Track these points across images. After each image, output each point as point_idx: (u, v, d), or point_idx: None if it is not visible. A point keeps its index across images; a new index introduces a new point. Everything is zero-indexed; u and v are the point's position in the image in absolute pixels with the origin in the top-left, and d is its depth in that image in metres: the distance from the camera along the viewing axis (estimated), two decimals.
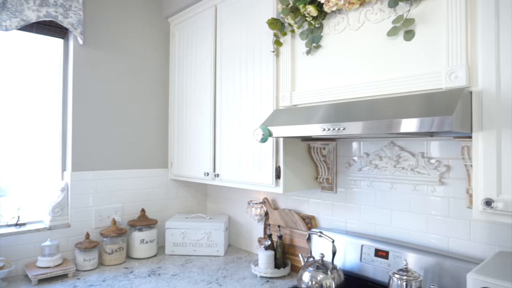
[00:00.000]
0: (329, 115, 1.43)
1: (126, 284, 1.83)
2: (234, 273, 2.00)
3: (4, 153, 2.06)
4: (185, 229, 2.31)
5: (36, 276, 1.82)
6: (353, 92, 1.49)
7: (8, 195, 2.09)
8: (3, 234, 1.91)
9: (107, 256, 2.12)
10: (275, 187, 1.80)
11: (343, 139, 1.90)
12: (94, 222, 2.21)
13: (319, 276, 1.56)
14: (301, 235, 2.03)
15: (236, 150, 2.01)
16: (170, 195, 2.58)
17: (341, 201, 1.90)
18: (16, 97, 2.09)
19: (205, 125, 2.21)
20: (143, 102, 2.46)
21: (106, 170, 2.28)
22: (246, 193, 2.45)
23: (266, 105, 1.85)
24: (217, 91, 2.14)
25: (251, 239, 2.41)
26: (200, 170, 2.24)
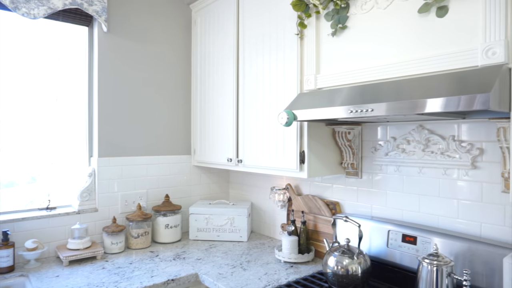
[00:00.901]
0: (356, 97, 1.39)
1: (153, 267, 1.87)
2: (257, 258, 2.01)
3: (34, 141, 2.12)
4: (209, 215, 2.33)
5: (67, 257, 1.88)
6: (381, 73, 1.44)
7: (38, 181, 2.16)
8: (36, 217, 1.97)
9: (133, 240, 2.17)
10: (299, 172, 1.79)
11: (369, 124, 1.85)
12: (120, 207, 2.26)
13: (345, 261, 1.55)
14: (325, 221, 2.01)
15: (259, 135, 1.99)
16: (193, 182, 2.60)
17: (367, 187, 1.87)
18: (43, 86, 2.14)
19: (228, 110, 2.21)
20: (166, 89, 2.47)
21: (130, 156, 2.31)
22: (269, 179, 2.44)
23: (290, 89, 1.82)
24: (240, 77, 2.13)
25: (274, 225, 2.41)
26: (223, 156, 2.24)
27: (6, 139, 2.03)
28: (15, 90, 2.05)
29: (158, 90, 2.43)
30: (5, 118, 2.02)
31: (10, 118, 2.04)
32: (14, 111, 2.05)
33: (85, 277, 1.73)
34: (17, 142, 2.06)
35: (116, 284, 1.65)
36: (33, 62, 2.10)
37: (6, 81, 2.01)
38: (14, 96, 2.04)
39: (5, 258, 1.78)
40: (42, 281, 1.69)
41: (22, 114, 2.07)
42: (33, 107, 2.11)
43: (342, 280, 1.54)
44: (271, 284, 1.66)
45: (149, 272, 1.79)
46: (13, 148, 2.05)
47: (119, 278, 1.73)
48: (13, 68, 2.03)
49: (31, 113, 2.10)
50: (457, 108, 1.06)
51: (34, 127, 2.12)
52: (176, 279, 1.73)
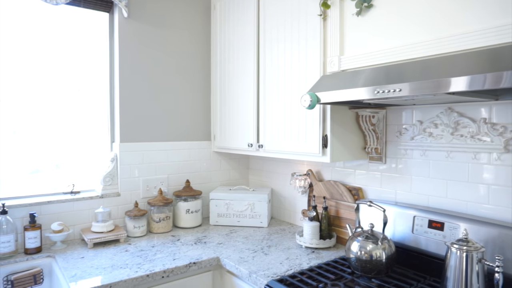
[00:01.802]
0: (382, 77, 1.34)
1: (174, 250, 1.89)
2: (278, 243, 2.00)
3: (57, 129, 2.15)
4: (229, 200, 2.33)
5: (91, 240, 1.92)
6: (407, 53, 1.39)
7: (62, 169, 2.19)
8: (61, 200, 2.02)
9: (155, 224, 2.19)
10: (322, 157, 1.76)
11: (394, 107, 1.80)
12: (141, 192, 2.29)
13: (368, 246, 1.52)
14: (347, 207, 1.98)
15: (280, 120, 1.97)
16: (213, 168, 2.60)
17: (391, 172, 1.82)
18: (66, 74, 2.16)
19: (248, 95, 2.19)
20: (186, 74, 2.46)
21: (151, 142, 2.33)
22: (289, 165, 2.42)
23: (312, 71, 1.78)
24: (260, 61, 2.10)
25: (294, 211, 2.39)
26: (243, 141, 2.23)
27: (30, 128, 2.07)
28: (39, 78, 2.08)
29: (177, 76, 2.43)
30: (28, 107, 2.06)
31: (34, 106, 2.07)
32: (38, 100, 2.08)
33: (109, 259, 1.76)
34: (40, 130, 2.10)
35: (139, 266, 1.67)
36: (55, 50, 2.12)
37: (29, 70, 2.04)
38: (37, 85, 2.07)
39: (32, 239, 1.83)
40: (68, 262, 1.73)
41: (45, 103, 2.11)
42: (56, 95, 2.14)
43: (365, 266, 1.51)
44: (293, 268, 1.65)
45: (171, 255, 1.81)
46: (37, 136, 2.09)
47: (142, 260, 1.75)
48: (35, 56, 2.06)
49: (54, 101, 2.13)
50: (483, 86, 1.03)
51: (57, 114, 2.15)
52: (198, 262, 1.74)
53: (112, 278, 1.54)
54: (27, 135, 2.06)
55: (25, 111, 2.05)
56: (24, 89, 2.03)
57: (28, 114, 2.06)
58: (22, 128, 2.05)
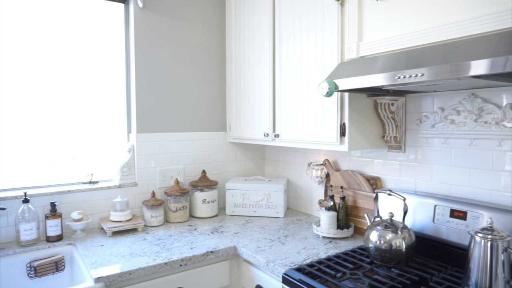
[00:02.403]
0: (402, 63, 1.31)
1: (191, 239, 1.90)
2: (295, 233, 1.99)
3: (74, 120, 2.18)
4: (245, 190, 2.33)
5: (110, 228, 1.94)
6: (427, 37, 1.34)
7: (79, 161, 2.22)
8: (80, 190, 2.05)
9: (172, 214, 2.21)
10: (340, 145, 1.73)
11: (414, 94, 1.75)
12: (158, 182, 2.30)
13: (388, 236, 1.49)
14: (365, 197, 1.95)
15: (297, 109, 1.94)
16: (228, 158, 2.60)
17: (410, 161, 1.79)
18: (82, 66, 2.18)
19: (264, 85, 2.17)
20: (201, 65, 2.46)
21: (167, 133, 2.34)
22: (305, 155, 2.40)
23: (329, 59, 1.75)
24: (276, 49, 2.07)
25: (310, 202, 2.38)
26: (259, 131, 2.22)
27: (48, 121, 2.10)
28: (55, 71, 2.10)
29: (193, 66, 2.42)
30: (46, 100, 2.08)
31: (51, 100, 2.10)
32: (55, 93, 2.11)
33: (128, 247, 1.79)
34: (58, 123, 2.13)
35: (157, 254, 1.69)
36: (72, 42, 2.14)
37: (46, 63, 2.07)
38: (54, 78, 2.10)
39: (54, 227, 1.87)
40: (88, 250, 1.76)
41: (62, 95, 2.13)
42: (73, 88, 2.16)
43: (385, 255, 1.49)
44: (311, 257, 1.64)
45: (188, 244, 1.82)
46: (54, 128, 2.12)
47: (160, 248, 1.76)
48: (52, 49, 2.08)
49: (71, 94, 2.15)
50: (504, 69, 1.00)
51: (74, 107, 2.17)
52: (215, 251, 1.74)
53: (131, 266, 1.56)
54: (45, 128, 2.09)
55: (43, 104, 2.08)
56: (41, 82, 2.06)
57: (45, 107, 2.09)
58: (40, 121, 2.08)
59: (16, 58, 1.98)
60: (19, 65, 1.99)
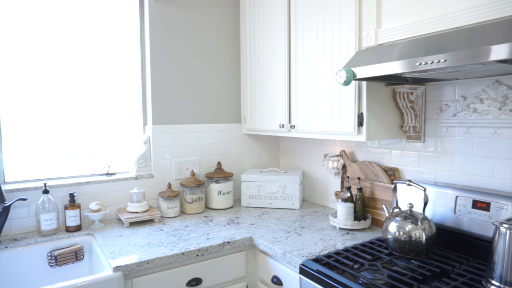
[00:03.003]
0: (423, 49, 1.27)
1: (208, 230, 1.90)
2: (311, 225, 1.97)
3: (90, 113, 2.20)
4: (260, 182, 2.32)
5: (127, 219, 1.97)
6: (450, 22, 1.30)
7: (95, 153, 2.24)
8: (98, 181, 2.08)
9: (188, 205, 2.22)
10: (357, 136, 1.70)
11: (434, 82, 1.71)
12: (174, 174, 2.32)
13: (407, 227, 1.46)
14: (383, 188, 1.92)
15: (313, 99, 1.92)
16: (243, 150, 2.59)
17: (430, 151, 1.74)
18: (99, 59, 2.19)
19: (279, 75, 2.14)
20: (216, 57, 2.45)
21: (183, 124, 2.34)
22: (321, 147, 2.37)
23: (346, 47, 1.71)
24: (291, 39, 2.04)
25: (326, 193, 2.35)
26: (274, 122, 2.20)
27: (65, 114, 2.13)
28: (72, 65, 2.12)
29: (207, 58, 2.42)
30: (63, 94, 2.11)
31: (67, 93, 2.12)
32: (71, 86, 2.13)
33: (145, 237, 1.80)
34: (75, 116, 2.15)
35: (174, 245, 1.70)
36: (87, 34, 2.15)
37: (64, 57, 2.09)
38: (70, 72, 2.12)
39: (73, 217, 1.90)
40: (106, 240, 1.78)
41: (80, 88, 2.15)
42: (89, 81, 2.18)
43: (404, 246, 1.46)
44: (328, 249, 1.63)
45: (204, 235, 1.83)
46: (71, 122, 2.14)
47: (177, 239, 1.77)
48: (69, 42, 2.10)
49: (88, 87, 2.17)
50: None
51: (90, 100, 2.19)
52: (232, 242, 1.74)
53: (149, 255, 1.57)
54: (63, 121, 2.12)
55: (60, 98, 2.10)
56: (58, 77, 2.08)
57: (63, 101, 2.11)
58: (58, 115, 2.11)
59: (36, 53, 2.00)
60: (38, 60, 2.01)
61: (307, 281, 1.43)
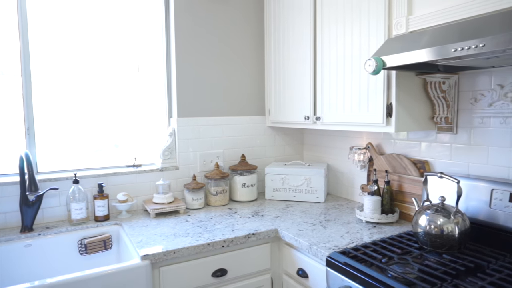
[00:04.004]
0: (457, 34, 1.21)
1: (232, 222, 1.91)
2: (337, 218, 1.94)
3: (117, 106, 2.24)
4: (285, 175, 2.30)
5: (153, 210, 1.99)
6: (487, 6, 1.23)
7: (121, 147, 2.28)
8: (125, 172, 2.11)
9: (212, 197, 2.23)
10: (386, 127, 1.65)
11: (468, 71, 1.64)
12: (198, 166, 2.33)
13: (439, 220, 1.41)
14: (411, 181, 1.87)
15: (339, 90, 1.88)
16: (267, 143, 2.58)
17: (463, 143, 1.68)
18: (124, 53, 2.23)
19: (304, 66, 2.11)
20: (240, 49, 2.43)
21: (207, 117, 2.35)
22: (346, 140, 2.33)
23: (375, 36, 1.67)
24: (317, 29, 2.00)
25: (352, 187, 2.31)
26: (299, 115, 2.17)
27: (92, 108, 2.17)
28: (98, 60, 2.16)
29: (231, 50, 2.41)
30: (89, 88, 2.15)
31: (94, 87, 2.17)
32: (98, 80, 2.17)
33: (171, 228, 1.82)
34: (101, 110, 2.19)
35: (200, 235, 1.71)
36: (112, 27, 2.19)
37: (90, 53, 2.13)
38: (97, 66, 2.16)
39: (101, 207, 1.94)
40: (134, 229, 1.81)
41: (106, 83, 2.19)
42: (116, 74, 2.21)
43: (435, 240, 1.41)
44: (355, 242, 1.60)
45: (229, 226, 1.83)
46: (98, 116, 2.19)
47: (202, 230, 1.78)
48: (94, 37, 2.14)
49: (115, 80, 2.21)
50: None
51: (117, 93, 2.23)
52: (257, 233, 1.74)
53: (176, 245, 1.59)
54: (90, 115, 2.16)
55: (87, 92, 2.15)
56: (85, 72, 2.13)
57: (90, 95, 2.16)
58: (86, 109, 2.15)
59: (66, 49, 2.05)
60: (67, 56, 2.06)
61: (334, 273, 1.41)
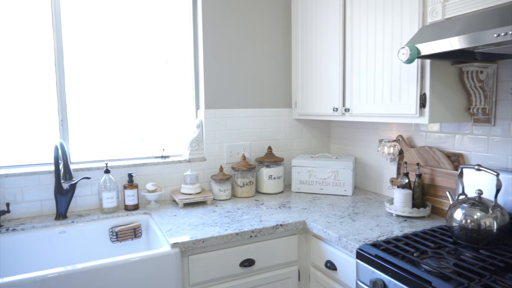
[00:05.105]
0: (498, 19, 1.15)
1: (260, 213, 1.91)
2: (366, 211, 1.91)
3: (144, 98, 2.27)
4: (312, 167, 2.28)
5: (181, 200, 2.02)
6: None
7: (146, 140, 2.31)
8: (153, 163, 2.15)
9: (239, 188, 2.24)
10: (419, 118, 1.61)
11: (508, 60, 1.56)
12: (225, 157, 2.34)
13: (476, 214, 1.36)
14: (445, 174, 1.81)
15: (370, 80, 1.84)
16: (293, 135, 2.56)
17: (502, 135, 1.61)
18: (152, 46, 2.25)
19: (333, 56, 2.07)
20: (267, 40, 2.42)
21: (234, 109, 2.35)
22: (375, 132, 2.28)
23: (408, 24, 1.61)
24: (347, 18, 1.96)
25: (380, 180, 2.26)
26: (327, 106, 2.14)
27: (120, 102, 2.21)
28: (127, 54, 2.19)
29: (259, 41, 2.40)
30: (118, 81, 2.19)
31: (123, 80, 2.21)
32: (126, 74, 2.21)
33: (199, 218, 1.84)
34: (129, 103, 2.23)
35: (228, 225, 1.72)
36: (139, 20, 2.21)
37: (119, 47, 2.17)
38: (127, 59, 2.19)
39: (131, 197, 1.99)
40: (163, 218, 1.84)
41: (134, 76, 2.23)
42: (145, 68, 2.24)
43: (471, 235, 1.36)
44: (385, 235, 1.56)
45: (257, 217, 1.83)
46: (125, 109, 2.22)
47: (230, 220, 1.79)
48: (122, 31, 2.17)
49: (143, 74, 2.24)
50: None
51: (144, 86, 2.26)
52: (284, 225, 1.73)
53: (204, 234, 1.60)
54: (118, 108, 2.21)
55: (116, 85, 2.19)
56: (114, 65, 2.17)
57: (119, 88, 2.20)
58: (115, 102, 2.20)
59: (97, 46, 2.09)
60: (99, 52, 2.11)
61: (365, 266, 1.39)
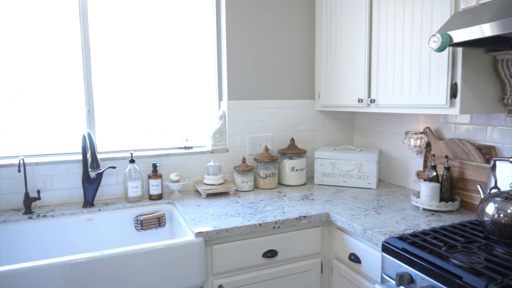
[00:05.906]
0: None
1: (282, 204, 1.90)
2: (391, 204, 1.87)
3: (168, 89, 2.29)
4: (335, 160, 2.25)
5: (204, 191, 2.04)
6: None
7: (168, 131, 2.33)
8: (177, 153, 2.17)
9: (261, 180, 2.24)
10: (449, 108, 1.55)
11: None
12: (248, 149, 2.34)
13: (509, 209, 1.31)
14: (475, 167, 1.75)
15: (397, 70, 1.79)
16: (316, 127, 2.53)
17: None
18: (175, 38, 2.26)
19: (358, 46, 2.03)
20: (290, 31, 2.39)
21: (257, 100, 2.34)
22: (401, 124, 2.22)
23: (440, 11, 1.55)
24: (373, 5, 1.91)
25: (406, 173, 2.21)
26: (352, 97, 2.10)
27: (143, 93, 2.24)
28: (151, 47, 2.21)
29: (282, 32, 2.37)
30: (143, 73, 2.22)
31: (147, 72, 2.23)
32: (150, 65, 2.23)
33: (222, 208, 1.85)
34: (152, 95, 2.26)
35: (251, 216, 1.72)
36: (162, 13, 2.22)
37: (143, 41, 2.18)
38: (150, 53, 2.21)
39: (155, 186, 2.02)
40: (186, 208, 1.86)
41: (159, 66, 2.25)
42: (169, 60, 2.26)
43: (504, 230, 1.31)
44: (412, 228, 1.53)
45: (280, 209, 1.83)
46: (148, 101, 2.25)
47: (253, 211, 1.80)
48: (146, 24, 2.19)
49: (167, 64, 2.26)
50: None
51: (168, 77, 2.28)
52: (308, 216, 1.72)
53: (228, 224, 1.61)
54: (142, 100, 2.23)
55: (141, 77, 2.22)
56: (138, 58, 2.19)
57: (143, 79, 2.23)
58: (138, 93, 2.23)
59: (122, 40, 2.12)
60: (124, 45, 2.13)
61: (391, 259, 1.36)
